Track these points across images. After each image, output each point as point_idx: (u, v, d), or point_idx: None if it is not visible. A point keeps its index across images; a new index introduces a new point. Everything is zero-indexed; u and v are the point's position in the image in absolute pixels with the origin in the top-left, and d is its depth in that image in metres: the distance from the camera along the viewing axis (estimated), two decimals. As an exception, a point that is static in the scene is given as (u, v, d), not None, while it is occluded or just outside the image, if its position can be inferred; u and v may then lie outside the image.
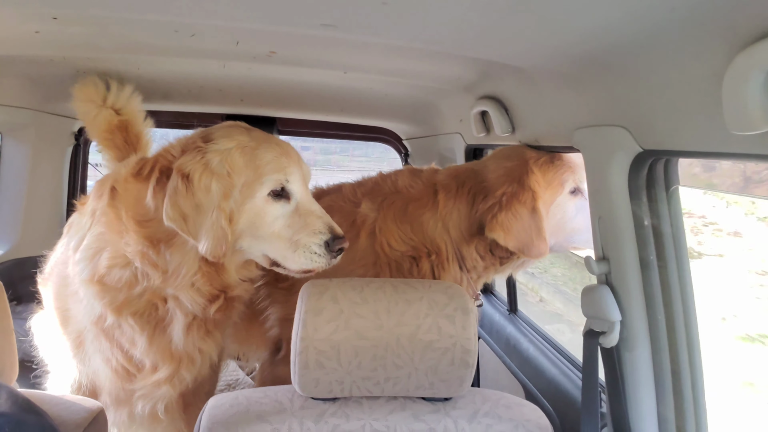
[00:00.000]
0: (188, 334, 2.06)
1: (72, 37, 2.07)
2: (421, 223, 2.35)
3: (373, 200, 2.45)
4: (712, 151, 1.35)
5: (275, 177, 1.94)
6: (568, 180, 2.24)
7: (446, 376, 1.65)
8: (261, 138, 2.02)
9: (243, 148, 1.94)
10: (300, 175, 2.01)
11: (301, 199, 2.00)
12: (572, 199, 2.26)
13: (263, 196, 1.93)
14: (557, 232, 2.29)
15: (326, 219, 2.00)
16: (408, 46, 1.89)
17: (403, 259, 2.34)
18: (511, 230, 2.21)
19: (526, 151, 2.34)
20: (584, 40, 1.49)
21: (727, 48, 1.11)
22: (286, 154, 2.00)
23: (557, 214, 2.26)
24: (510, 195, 2.23)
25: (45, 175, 3.46)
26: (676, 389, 1.68)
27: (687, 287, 1.68)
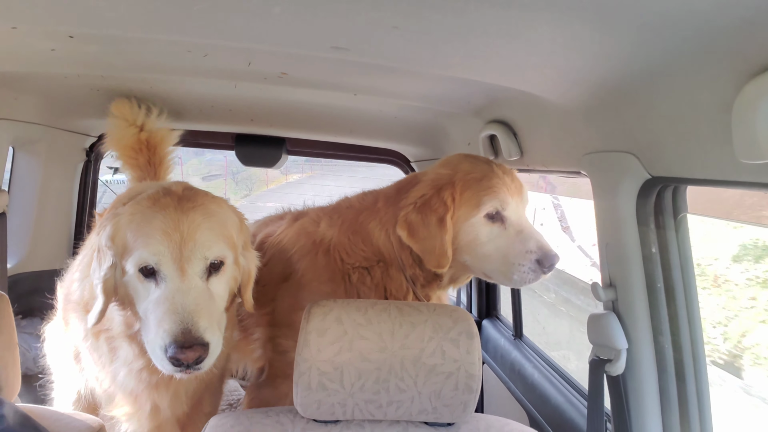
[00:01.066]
0: (141, 380, 2.01)
1: (87, 56, 2.10)
2: (368, 233, 2.36)
3: (331, 218, 2.49)
4: (721, 179, 1.35)
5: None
6: (487, 203, 2.18)
7: (450, 401, 1.63)
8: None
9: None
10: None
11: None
12: (487, 224, 2.20)
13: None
14: (469, 252, 2.25)
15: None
16: (418, 69, 1.90)
17: (354, 270, 2.36)
18: (416, 233, 2.21)
19: (462, 162, 2.32)
20: (595, 68, 1.50)
21: (736, 77, 1.12)
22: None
23: (470, 234, 2.22)
24: (425, 199, 2.23)
25: (56, 190, 3.49)
26: (683, 418, 1.66)
27: (695, 315, 1.67)
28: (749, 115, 1.08)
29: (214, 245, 1.80)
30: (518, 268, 2.15)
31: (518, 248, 2.16)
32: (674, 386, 1.66)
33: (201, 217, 1.80)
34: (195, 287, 1.74)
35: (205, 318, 1.71)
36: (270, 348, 2.50)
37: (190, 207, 1.81)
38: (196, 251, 1.75)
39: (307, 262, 2.43)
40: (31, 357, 3.23)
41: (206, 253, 1.77)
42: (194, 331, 1.67)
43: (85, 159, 3.70)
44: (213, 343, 1.71)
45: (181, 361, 1.66)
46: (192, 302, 1.71)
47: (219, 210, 1.90)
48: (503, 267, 2.18)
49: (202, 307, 1.73)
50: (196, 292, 1.74)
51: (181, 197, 1.84)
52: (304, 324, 1.63)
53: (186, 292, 1.72)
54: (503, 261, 2.18)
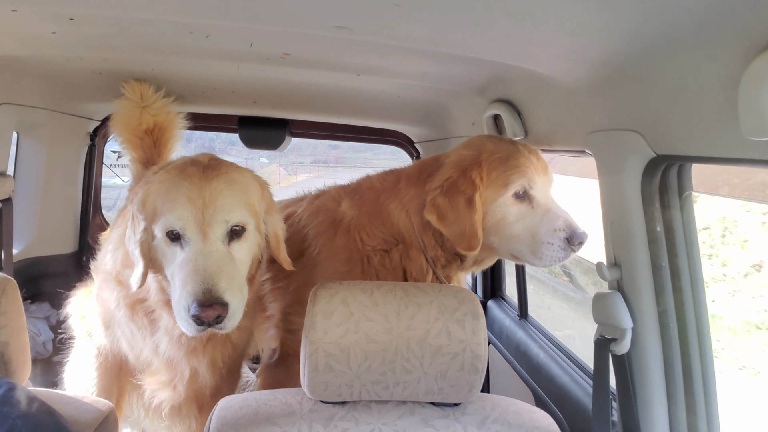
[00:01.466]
0: (181, 345, 2.11)
1: (88, 38, 2.09)
2: (389, 214, 2.37)
3: (352, 198, 2.50)
4: (726, 156, 1.34)
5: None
6: (514, 182, 2.18)
7: (456, 381, 1.64)
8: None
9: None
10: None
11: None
12: (515, 203, 2.20)
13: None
14: (497, 233, 2.25)
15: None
16: (421, 48, 1.89)
17: (375, 252, 2.37)
18: (445, 216, 2.21)
19: (486, 143, 2.31)
20: (599, 45, 1.48)
21: (743, 52, 1.10)
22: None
23: (497, 214, 2.22)
24: (452, 181, 2.22)
25: (60, 175, 3.49)
26: (688, 396, 1.66)
27: (700, 294, 1.67)
28: (756, 91, 1.06)
29: (234, 210, 1.90)
30: (547, 246, 2.15)
31: (547, 227, 2.16)
32: (679, 364, 1.66)
33: (223, 185, 1.90)
34: (216, 250, 1.85)
35: (225, 279, 1.81)
36: (282, 326, 2.53)
37: (214, 175, 1.91)
38: (217, 215, 1.86)
39: (324, 240, 2.45)
40: (41, 341, 3.27)
41: (227, 217, 1.88)
42: (214, 291, 1.77)
43: (89, 143, 3.70)
44: (233, 303, 1.81)
45: (202, 320, 1.77)
46: (213, 264, 1.81)
47: (241, 178, 2.00)
48: (532, 246, 2.18)
49: (222, 268, 1.83)
50: (218, 255, 1.84)
51: (207, 166, 1.95)
52: (311, 306, 1.64)
53: (208, 255, 1.83)
54: (532, 240, 2.18)
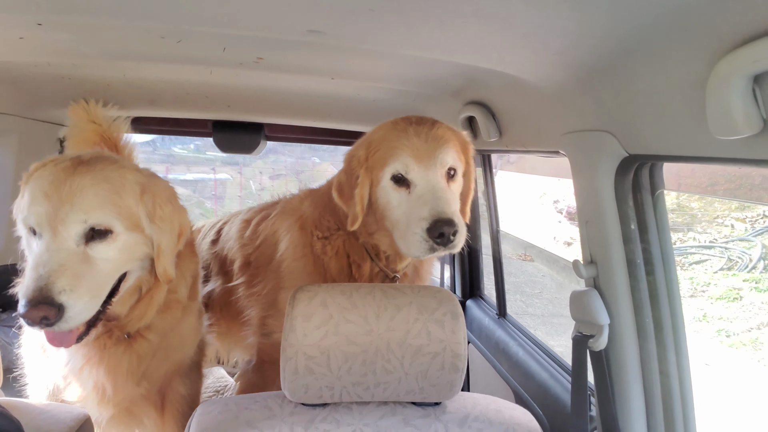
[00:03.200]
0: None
1: (57, 44, 2.05)
2: (335, 205, 2.34)
3: (312, 197, 2.52)
4: (696, 155, 1.37)
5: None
6: (390, 165, 2.07)
7: (436, 381, 1.65)
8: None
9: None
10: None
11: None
12: (394, 188, 2.09)
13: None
14: (386, 218, 2.15)
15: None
16: (395, 51, 1.89)
17: (318, 241, 2.37)
18: (342, 193, 2.24)
19: (387, 124, 2.23)
20: (571, 48, 1.51)
21: (709, 54, 1.13)
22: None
23: (382, 197, 2.13)
24: (349, 159, 2.24)
25: (30, 182, 3.42)
26: (664, 391, 1.70)
27: (674, 289, 1.70)
28: (722, 91, 1.09)
29: (96, 210, 1.80)
30: (412, 235, 1.99)
31: (415, 214, 2.01)
32: (655, 359, 1.70)
33: (88, 182, 1.81)
34: (65, 249, 1.75)
35: (66, 279, 1.71)
36: (259, 331, 2.52)
37: (82, 171, 1.83)
38: (73, 214, 1.76)
39: (287, 241, 2.46)
40: (14, 351, 3.19)
41: (84, 216, 1.78)
42: (46, 290, 1.67)
43: (59, 149, 3.63)
44: (74, 307, 1.71)
45: (28, 320, 1.67)
46: (55, 262, 1.72)
47: (117, 177, 1.89)
48: (403, 235, 2.05)
49: (66, 268, 1.73)
50: (65, 254, 1.75)
51: (83, 162, 1.86)
52: (290, 309, 1.63)
53: (53, 252, 1.74)
54: (405, 228, 2.04)
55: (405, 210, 2.07)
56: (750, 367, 7.66)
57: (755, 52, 1.02)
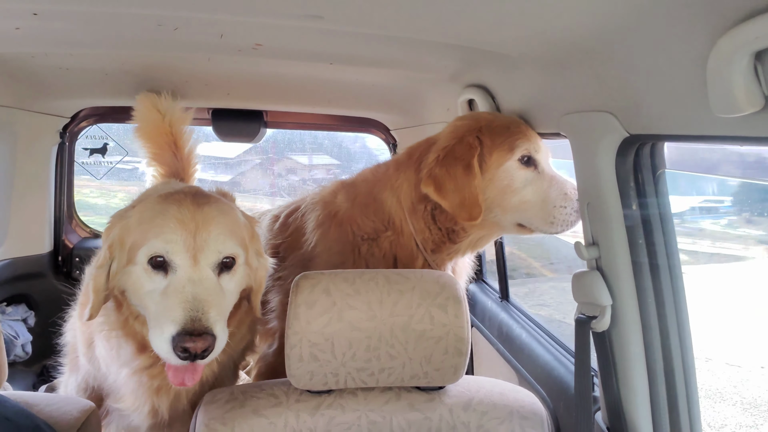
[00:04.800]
0: (142, 383, 2.00)
1: (53, 33, 2.04)
2: (381, 203, 2.32)
3: (347, 191, 2.46)
4: (697, 134, 1.36)
5: None
6: (520, 146, 2.13)
7: (440, 365, 1.66)
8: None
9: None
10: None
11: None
12: (522, 168, 2.14)
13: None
14: (501, 202, 2.17)
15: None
16: (393, 35, 1.88)
17: (363, 241, 2.33)
18: (443, 186, 2.14)
19: (482, 114, 2.29)
20: (569, 26, 1.49)
21: (710, 31, 1.12)
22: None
23: (503, 180, 2.15)
24: (449, 149, 2.17)
25: (31, 174, 3.42)
26: (667, 371, 1.70)
27: (676, 269, 1.70)
28: (724, 69, 1.08)
29: (228, 240, 1.78)
30: (560, 210, 2.11)
31: (557, 190, 2.12)
32: (658, 339, 1.70)
33: (216, 212, 1.79)
34: (207, 278, 1.72)
35: (215, 309, 1.68)
36: (282, 317, 2.50)
37: (205, 202, 1.80)
38: (211, 242, 1.73)
39: (320, 233, 2.42)
40: (19, 344, 3.22)
41: (220, 246, 1.75)
42: (204, 320, 1.63)
43: (59, 141, 3.63)
44: (220, 336, 1.68)
45: (189, 351, 1.62)
46: (204, 292, 1.68)
47: (232, 210, 1.90)
48: (542, 212, 2.13)
49: (213, 298, 1.70)
50: (209, 283, 1.71)
51: (196, 194, 1.84)
52: (293, 297, 1.64)
53: (198, 282, 1.69)
54: (542, 206, 2.13)
55: (537, 188, 2.14)
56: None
57: (757, 29, 1.01)
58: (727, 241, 7.39)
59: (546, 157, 2.20)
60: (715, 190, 5.36)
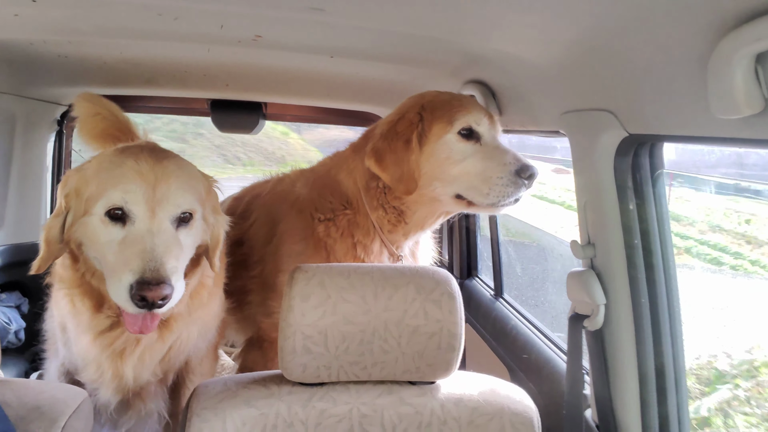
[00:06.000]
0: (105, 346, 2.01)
1: (52, 21, 2.03)
2: (338, 184, 2.37)
3: (305, 178, 2.51)
4: (697, 135, 1.36)
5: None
6: (460, 119, 2.15)
7: (433, 360, 1.66)
8: None
9: None
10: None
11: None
12: (461, 141, 2.15)
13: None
14: (440, 174, 2.18)
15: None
16: (394, 30, 1.88)
17: (320, 223, 2.35)
18: (383, 159, 2.17)
19: (429, 92, 2.32)
20: (570, 25, 1.49)
21: (711, 32, 1.12)
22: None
23: (442, 153, 2.16)
24: (391, 125, 2.21)
25: (28, 161, 3.41)
26: (658, 371, 1.71)
27: (671, 271, 1.70)
28: (725, 70, 1.08)
29: (186, 194, 1.81)
30: (496, 181, 2.09)
31: (495, 161, 2.11)
32: (651, 340, 1.70)
33: (174, 166, 1.81)
34: (165, 230, 1.75)
35: (173, 260, 1.72)
36: (261, 311, 2.53)
37: (163, 156, 1.83)
38: (170, 195, 1.76)
39: (284, 225, 2.45)
40: (12, 330, 3.21)
41: (179, 200, 1.78)
42: (162, 270, 1.67)
43: (57, 129, 3.62)
44: (177, 287, 1.72)
45: (147, 299, 1.65)
46: (161, 243, 1.71)
47: (189, 165, 1.93)
48: (479, 183, 2.12)
49: (171, 249, 1.73)
50: (167, 235, 1.75)
51: (153, 149, 1.86)
52: (288, 290, 1.63)
53: (156, 233, 1.72)
54: (480, 177, 2.12)
55: (476, 160, 2.14)
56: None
57: (758, 31, 1.01)
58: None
59: (491, 130, 2.20)
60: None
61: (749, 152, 1.79)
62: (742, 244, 2.77)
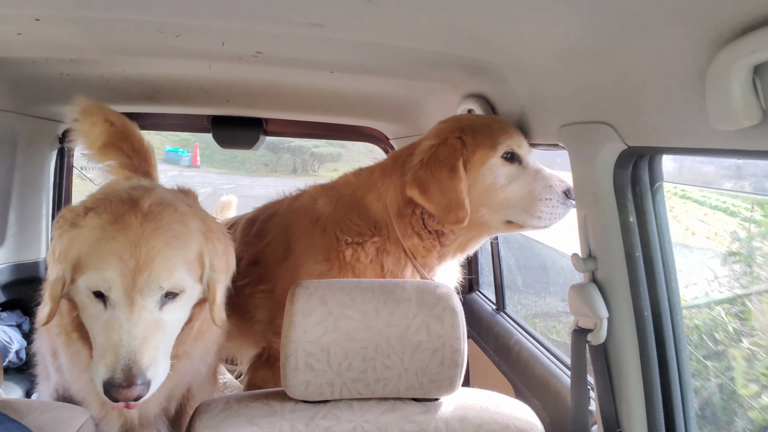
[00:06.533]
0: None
1: (55, 39, 2.05)
2: (365, 207, 2.30)
3: (328, 195, 2.43)
4: (696, 147, 1.36)
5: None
6: (503, 143, 2.13)
7: (436, 377, 1.65)
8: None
9: None
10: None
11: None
12: (505, 165, 2.14)
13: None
14: (487, 200, 2.16)
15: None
16: (394, 44, 1.89)
17: (347, 246, 2.28)
18: (428, 189, 2.12)
19: (464, 116, 2.29)
20: (568, 37, 1.50)
21: (709, 44, 1.12)
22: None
23: (487, 178, 2.14)
24: (432, 152, 2.16)
25: (30, 179, 3.42)
26: (664, 385, 1.69)
27: (672, 283, 1.70)
28: (723, 81, 1.08)
29: (173, 275, 1.70)
30: (546, 203, 2.10)
31: (542, 183, 2.13)
32: (654, 353, 1.69)
33: (162, 243, 1.70)
34: (143, 319, 1.65)
35: (150, 353, 1.64)
36: (271, 330, 2.47)
37: (153, 228, 1.70)
38: (152, 282, 1.66)
39: (305, 242, 2.39)
40: (13, 350, 3.20)
41: (163, 283, 1.68)
42: (135, 369, 1.59)
43: (58, 146, 3.63)
44: (156, 380, 1.66)
45: (116, 400, 1.60)
46: (138, 336, 1.63)
47: (184, 231, 1.79)
48: (528, 206, 2.13)
49: (148, 340, 1.65)
50: (144, 325, 1.65)
51: (147, 214, 1.73)
52: (289, 306, 1.63)
53: (134, 325, 1.63)
54: (528, 200, 2.13)
55: (522, 183, 2.14)
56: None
57: (756, 42, 1.01)
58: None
59: (529, 152, 2.20)
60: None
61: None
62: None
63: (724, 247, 2.87)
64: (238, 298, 2.56)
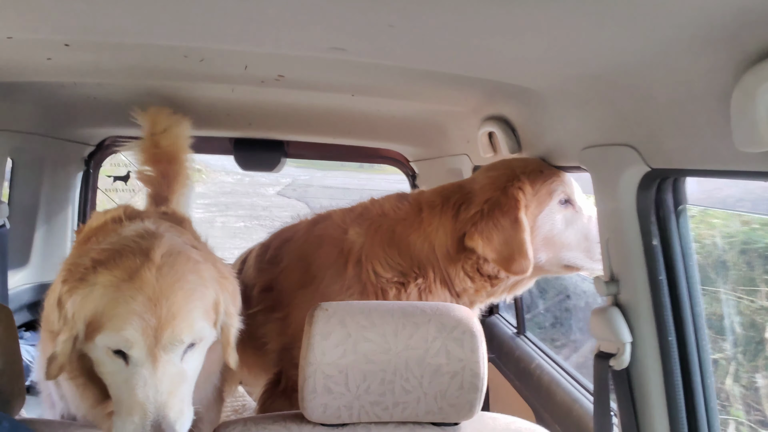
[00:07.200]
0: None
1: (83, 64, 2.10)
2: (408, 245, 2.24)
3: (361, 225, 2.34)
4: (720, 169, 1.35)
5: None
6: (557, 189, 2.15)
7: (455, 401, 1.63)
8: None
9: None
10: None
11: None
12: (562, 210, 2.16)
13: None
14: (547, 247, 2.16)
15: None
16: (415, 68, 1.90)
17: (390, 285, 2.23)
18: (491, 240, 2.10)
19: (513, 161, 2.29)
20: (591, 60, 1.50)
21: (734, 66, 1.11)
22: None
23: (545, 225, 2.15)
24: (492, 203, 2.14)
25: (55, 201, 3.49)
26: (689, 412, 1.65)
27: (697, 307, 1.66)
28: (748, 103, 1.07)
29: (194, 328, 1.70)
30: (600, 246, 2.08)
31: (596, 226, 2.09)
32: (679, 378, 1.65)
33: (181, 298, 1.68)
34: (168, 374, 1.63)
35: (177, 406, 1.62)
36: (287, 359, 2.40)
37: (170, 283, 1.68)
38: (174, 338, 1.64)
39: (333, 273, 2.31)
40: (35, 369, 3.23)
41: (185, 337, 1.67)
42: (164, 424, 1.56)
43: (84, 168, 3.70)
44: (183, 429, 1.63)
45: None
46: (164, 391, 1.61)
47: (199, 282, 1.78)
48: (587, 250, 2.14)
49: (174, 394, 1.63)
50: (169, 380, 1.63)
51: (160, 267, 1.70)
52: (308, 328, 1.62)
53: (159, 381, 1.61)
54: (586, 243, 2.14)
55: (579, 226, 2.15)
56: None
57: (781, 65, 1.00)
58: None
59: (579, 193, 2.20)
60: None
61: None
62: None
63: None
64: (249, 326, 2.52)
